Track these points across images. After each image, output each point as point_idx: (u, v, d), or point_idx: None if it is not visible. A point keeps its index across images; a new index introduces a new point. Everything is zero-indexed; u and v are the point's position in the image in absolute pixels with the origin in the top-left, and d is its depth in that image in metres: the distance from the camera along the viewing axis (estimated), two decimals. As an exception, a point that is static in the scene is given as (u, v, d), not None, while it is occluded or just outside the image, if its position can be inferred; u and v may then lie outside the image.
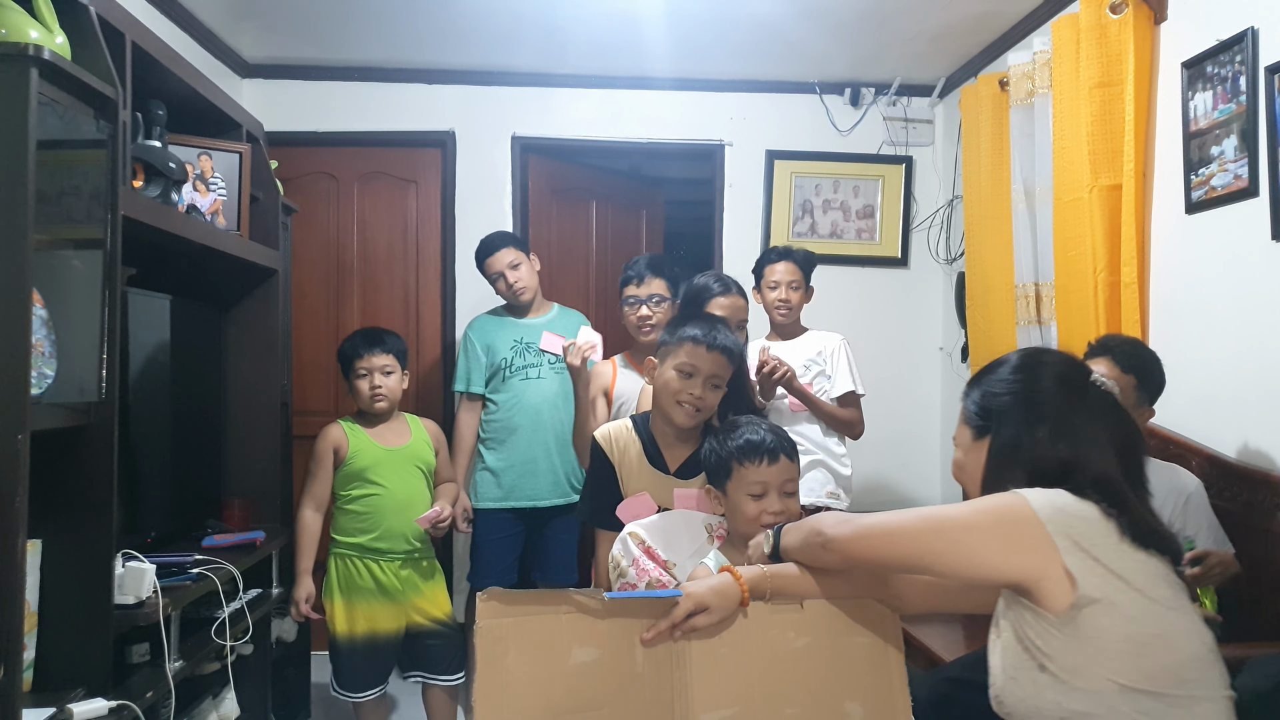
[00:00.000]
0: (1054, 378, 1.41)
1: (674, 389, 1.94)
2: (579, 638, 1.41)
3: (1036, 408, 1.38)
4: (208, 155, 2.65)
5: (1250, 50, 2.37)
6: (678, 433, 1.99)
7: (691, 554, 1.79)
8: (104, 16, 2.02)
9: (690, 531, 1.83)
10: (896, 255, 4.22)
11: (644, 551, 1.77)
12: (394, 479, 2.78)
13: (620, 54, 3.84)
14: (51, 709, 1.74)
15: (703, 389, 1.93)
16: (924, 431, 4.22)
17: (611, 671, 1.42)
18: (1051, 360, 1.46)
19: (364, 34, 3.68)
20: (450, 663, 2.83)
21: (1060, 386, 1.40)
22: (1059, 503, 1.28)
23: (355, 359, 2.80)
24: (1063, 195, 2.97)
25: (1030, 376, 1.42)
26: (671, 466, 1.99)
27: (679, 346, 1.95)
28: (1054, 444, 1.35)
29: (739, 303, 2.59)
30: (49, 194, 1.79)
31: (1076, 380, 1.41)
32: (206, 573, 2.27)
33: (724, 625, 1.45)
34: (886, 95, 4.17)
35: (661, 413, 1.99)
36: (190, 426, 2.70)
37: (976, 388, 1.47)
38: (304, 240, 3.91)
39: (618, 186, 4.60)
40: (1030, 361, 1.45)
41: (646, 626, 1.43)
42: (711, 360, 1.93)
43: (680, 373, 1.93)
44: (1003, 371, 1.45)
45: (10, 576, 1.64)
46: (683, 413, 1.94)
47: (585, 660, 1.41)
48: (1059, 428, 1.36)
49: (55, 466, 1.87)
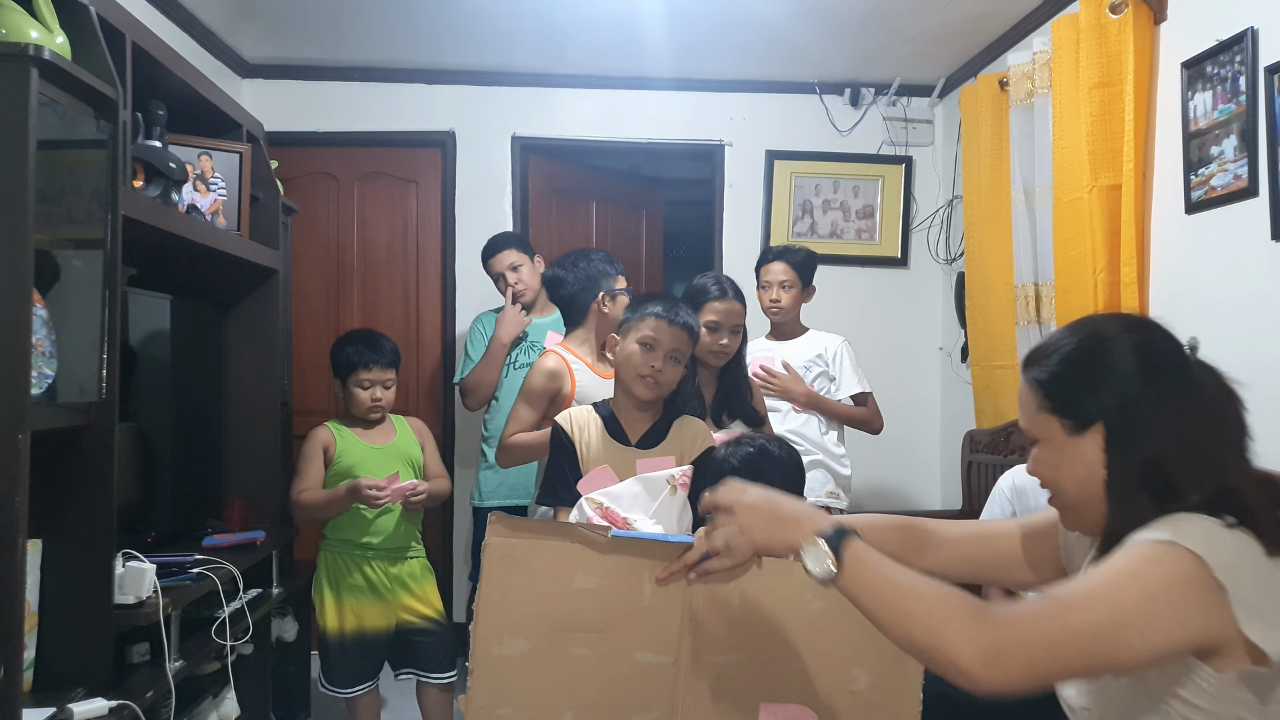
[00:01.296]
0: (1176, 360, 1.18)
1: (635, 362, 1.98)
2: (583, 566, 1.44)
3: (1169, 402, 1.15)
4: (208, 155, 2.65)
5: (1250, 50, 2.37)
6: (638, 404, 2.02)
7: (654, 510, 1.80)
8: (104, 16, 2.02)
9: (650, 488, 1.84)
10: (896, 255, 4.22)
11: (600, 514, 1.77)
12: (383, 473, 2.78)
13: (620, 54, 3.84)
14: (51, 709, 1.74)
15: (663, 362, 1.98)
16: (924, 431, 4.22)
17: (616, 600, 1.44)
18: (1163, 337, 1.20)
19: (364, 34, 3.68)
20: (441, 660, 2.83)
21: (1183, 373, 1.17)
22: (1224, 549, 1.08)
23: (360, 368, 2.77)
24: (1062, 195, 2.97)
25: (1152, 360, 1.17)
26: (632, 438, 2.01)
27: (641, 321, 2.00)
28: (1197, 448, 1.14)
29: (734, 307, 2.57)
30: (49, 194, 1.79)
31: (1198, 363, 1.19)
32: (206, 573, 2.27)
33: (739, 573, 1.43)
34: (886, 95, 4.17)
35: (623, 386, 2.03)
36: (190, 426, 2.71)
37: (1069, 367, 1.21)
38: (304, 240, 3.91)
39: (618, 186, 4.60)
40: (1145, 339, 1.19)
41: (652, 565, 1.43)
42: (672, 335, 1.99)
43: (642, 345, 1.98)
44: (1115, 352, 1.18)
45: (10, 576, 1.64)
46: (643, 385, 1.98)
47: (588, 586, 1.44)
48: (1197, 426, 1.15)
49: (55, 466, 1.88)
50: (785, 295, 3.06)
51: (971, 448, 3.63)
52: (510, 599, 1.43)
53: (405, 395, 4.03)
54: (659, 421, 2.04)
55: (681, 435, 2.05)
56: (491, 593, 1.43)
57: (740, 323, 2.59)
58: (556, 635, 1.44)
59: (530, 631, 1.44)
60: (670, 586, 1.44)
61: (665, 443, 2.02)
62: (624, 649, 1.45)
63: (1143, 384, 1.16)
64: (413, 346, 4.11)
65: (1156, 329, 1.21)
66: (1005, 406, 3.45)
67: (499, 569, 1.43)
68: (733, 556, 1.39)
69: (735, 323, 2.57)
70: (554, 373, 2.44)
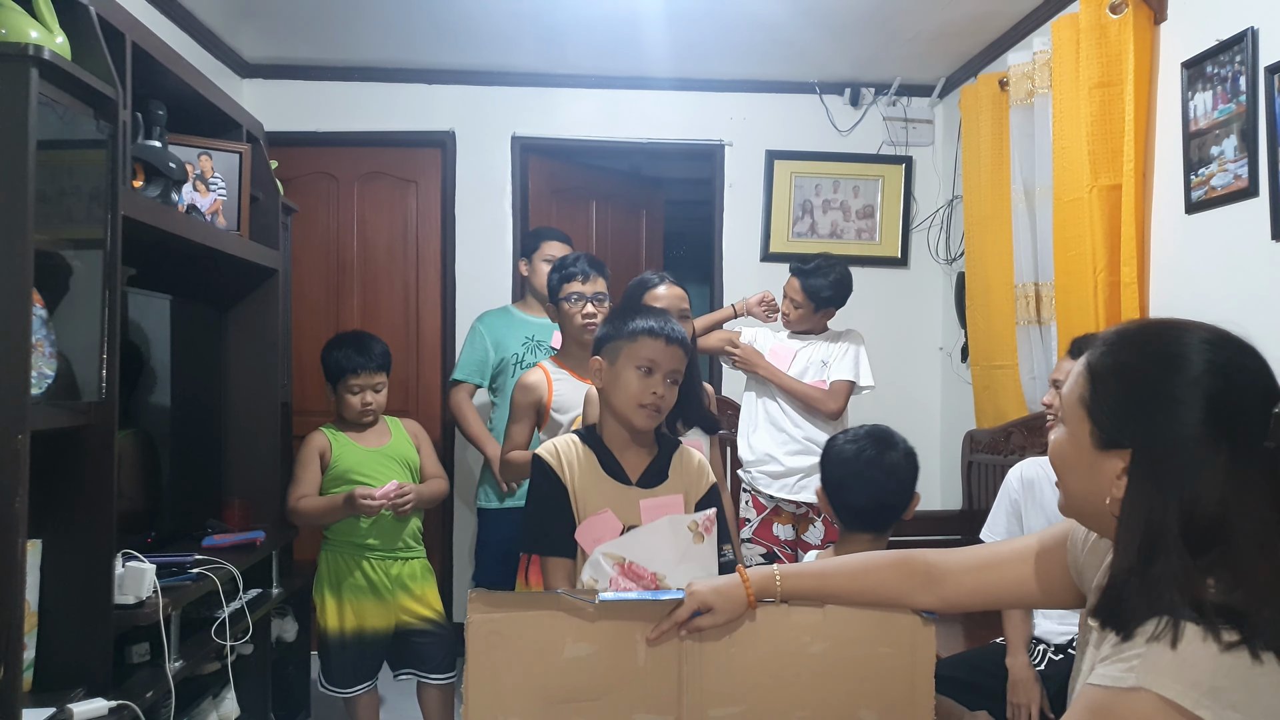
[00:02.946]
0: (1254, 416, 1.01)
1: (634, 391, 1.73)
2: (572, 634, 1.38)
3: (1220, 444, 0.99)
4: (208, 155, 2.65)
5: (1250, 50, 2.37)
6: (634, 437, 1.78)
7: (680, 559, 1.64)
8: (104, 16, 2.02)
9: (674, 534, 1.66)
10: (896, 255, 4.22)
11: (622, 571, 1.62)
12: (380, 477, 2.78)
13: (620, 54, 3.84)
14: (51, 709, 1.74)
15: (663, 386, 1.74)
16: (924, 432, 4.20)
17: (610, 665, 1.39)
18: (1249, 383, 1.03)
19: (364, 34, 3.68)
20: (440, 661, 2.83)
21: (1255, 431, 1.00)
22: (1223, 690, 0.94)
23: (350, 374, 2.77)
24: (1063, 195, 2.97)
25: (1224, 411, 1.00)
26: (632, 476, 1.77)
27: (632, 342, 1.74)
28: (1243, 520, 0.99)
29: (677, 291, 2.41)
30: (49, 194, 1.79)
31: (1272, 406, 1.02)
32: (206, 573, 2.27)
33: (732, 628, 1.39)
34: (886, 95, 4.17)
35: (617, 417, 1.77)
36: (190, 426, 2.70)
37: (1127, 381, 1.06)
38: (304, 240, 3.92)
39: (618, 186, 4.60)
40: (1225, 385, 1.01)
41: (643, 625, 1.38)
42: (670, 354, 1.74)
43: (640, 370, 1.73)
44: (1184, 384, 1.02)
45: (10, 576, 1.64)
46: (644, 416, 1.74)
47: (580, 654, 1.38)
48: (1245, 501, 0.99)
49: (55, 466, 1.87)
50: (794, 313, 3.06)
51: (971, 448, 3.63)
52: (500, 677, 1.37)
53: (405, 395, 4.04)
54: (658, 456, 1.82)
55: (683, 471, 1.83)
56: (480, 673, 1.36)
57: (685, 308, 2.43)
58: (552, 709, 1.38)
59: (525, 708, 1.37)
60: (664, 645, 1.39)
61: (669, 481, 1.80)
62: (623, 713, 1.39)
63: (1201, 435, 1.00)
64: (413, 346, 4.11)
65: (1246, 370, 1.04)
66: (1005, 406, 3.45)
67: (484, 646, 1.36)
68: (724, 612, 1.36)
69: (679, 308, 2.39)
70: (528, 386, 2.45)
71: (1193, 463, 1.00)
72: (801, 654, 1.40)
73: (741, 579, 1.39)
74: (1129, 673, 0.98)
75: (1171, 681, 0.95)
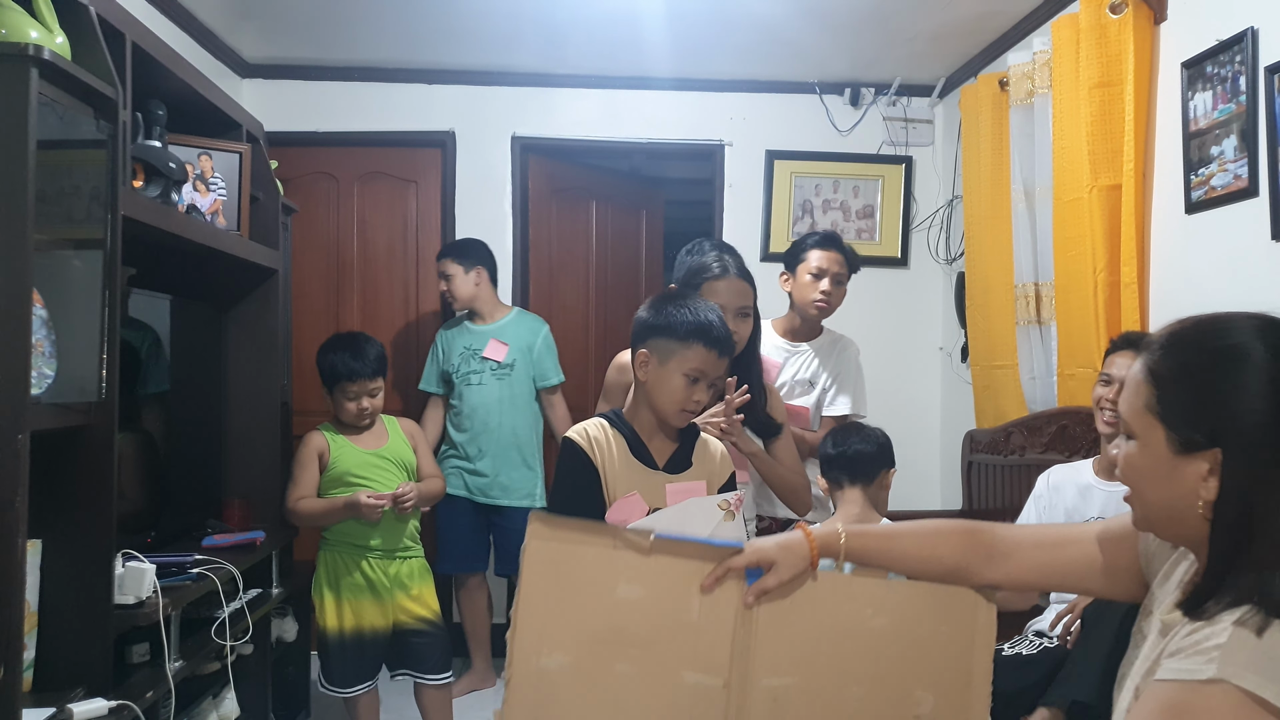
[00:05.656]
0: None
1: (679, 396, 1.80)
2: (626, 573, 1.32)
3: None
4: (208, 155, 2.65)
5: (1250, 50, 2.37)
6: (662, 426, 1.86)
7: (711, 536, 1.63)
8: (104, 16, 2.02)
9: (704, 514, 1.69)
10: (896, 255, 4.22)
11: None
12: (378, 480, 2.78)
13: (620, 54, 3.84)
14: (51, 709, 1.74)
15: (706, 394, 1.82)
16: (924, 432, 4.21)
17: (661, 612, 1.33)
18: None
19: (363, 34, 3.68)
20: (436, 662, 2.83)
21: None
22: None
23: (346, 380, 2.76)
24: (1062, 195, 2.97)
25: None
26: (659, 462, 1.85)
27: (686, 348, 1.78)
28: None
29: (739, 287, 2.21)
30: (49, 194, 1.79)
31: None
32: (206, 573, 2.27)
33: (792, 586, 1.32)
34: (886, 95, 4.17)
35: (656, 411, 1.84)
36: (190, 426, 2.71)
37: (1188, 380, 1.06)
38: (304, 240, 3.91)
39: (618, 186, 4.60)
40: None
41: (697, 573, 1.31)
42: (719, 365, 1.82)
43: (688, 379, 1.79)
44: (1251, 361, 1.03)
45: (10, 576, 1.64)
46: (683, 418, 1.84)
47: (631, 596, 1.32)
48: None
49: (55, 466, 1.87)
50: (837, 291, 2.73)
51: (971, 448, 3.63)
52: (551, 607, 1.32)
53: (404, 395, 4.04)
54: (683, 444, 1.89)
55: (705, 458, 1.90)
56: (532, 599, 1.31)
57: (748, 304, 2.23)
58: (598, 649, 1.32)
59: (571, 644, 1.32)
60: (720, 603, 1.32)
61: (693, 468, 1.86)
62: (671, 668, 1.32)
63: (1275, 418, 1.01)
64: (412, 346, 4.11)
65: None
66: (1005, 406, 3.45)
67: (540, 573, 1.31)
68: (787, 566, 1.31)
69: (742, 304, 2.21)
70: None
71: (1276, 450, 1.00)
72: (862, 627, 1.34)
73: (805, 534, 1.34)
74: (1208, 664, 0.96)
75: (1253, 673, 0.93)
